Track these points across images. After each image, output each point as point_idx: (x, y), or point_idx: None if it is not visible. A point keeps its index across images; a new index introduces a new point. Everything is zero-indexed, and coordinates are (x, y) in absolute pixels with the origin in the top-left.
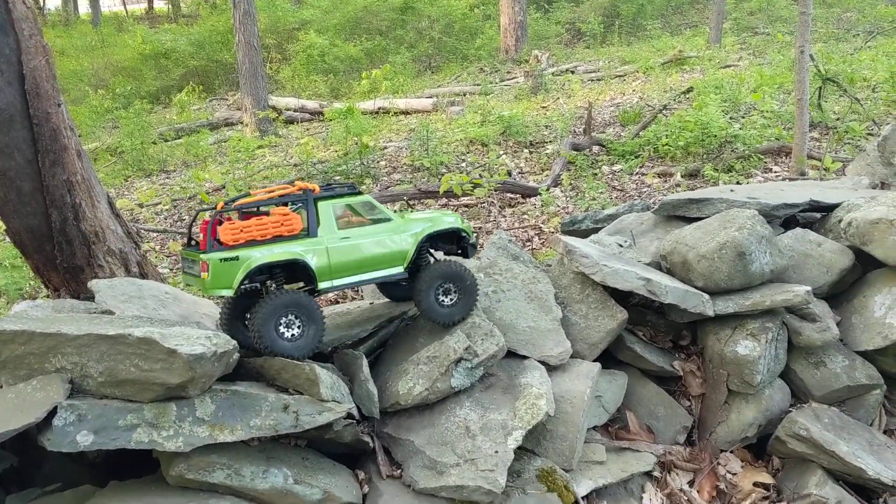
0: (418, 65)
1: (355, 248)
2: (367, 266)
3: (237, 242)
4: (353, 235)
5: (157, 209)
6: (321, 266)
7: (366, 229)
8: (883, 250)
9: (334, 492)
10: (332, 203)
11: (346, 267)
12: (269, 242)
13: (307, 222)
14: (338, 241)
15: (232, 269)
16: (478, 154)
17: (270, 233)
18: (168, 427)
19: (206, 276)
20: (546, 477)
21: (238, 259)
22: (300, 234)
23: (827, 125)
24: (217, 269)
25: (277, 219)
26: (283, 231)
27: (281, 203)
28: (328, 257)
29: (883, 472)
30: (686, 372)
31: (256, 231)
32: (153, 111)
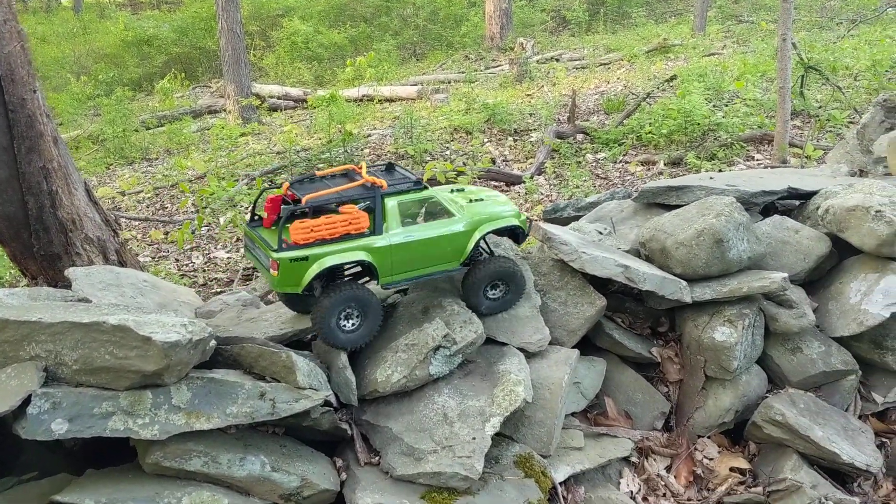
0: (403, 52)
1: (417, 246)
2: (427, 263)
3: (307, 241)
4: (416, 232)
5: (140, 197)
6: (384, 264)
7: (428, 226)
8: (859, 237)
9: (312, 479)
10: (398, 200)
11: (407, 264)
12: (338, 241)
13: (373, 219)
14: (401, 239)
15: (301, 269)
16: (462, 142)
17: (339, 232)
18: (144, 415)
19: (275, 274)
20: (524, 463)
21: (308, 259)
22: (366, 231)
23: (809, 113)
24: (286, 269)
25: (346, 218)
26: (351, 230)
27: (350, 200)
28: (391, 255)
29: (857, 456)
30: (664, 358)
31: (326, 231)
32: (135, 98)
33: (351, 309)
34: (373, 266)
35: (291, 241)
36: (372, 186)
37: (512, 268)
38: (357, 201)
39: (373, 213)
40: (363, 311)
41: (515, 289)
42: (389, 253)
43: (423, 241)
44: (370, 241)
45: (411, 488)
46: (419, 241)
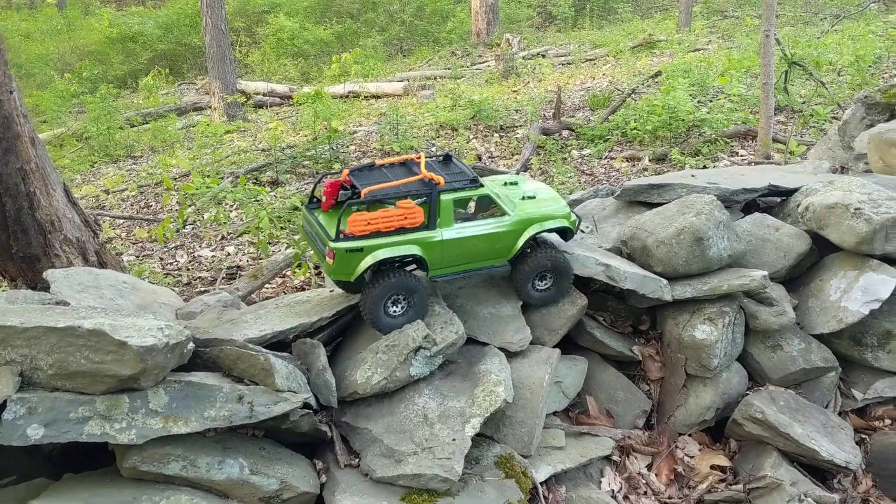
0: (389, 48)
1: (468, 242)
2: (476, 259)
3: (363, 233)
4: (468, 229)
5: (124, 195)
6: (434, 259)
7: (480, 224)
8: (838, 234)
9: (291, 481)
10: (454, 196)
11: (457, 259)
12: (393, 234)
13: (428, 214)
14: (453, 235)
15: (355, 260)
16: (448, 138)
17: (395, 225)
18: (121, 419)
19: (331, 263)
20: (504, 463)
21: (363, 251)
22: (420, 226)
23: (793, 109)
24: (342, 259)
25: (402, 212)
26: (406, 224)
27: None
28: (442, 251)
29: (836, 453)
30: (645, 356)
31: (382, 224)
32: (120, 96)
33: (398, 295)
34: (423, 260)
35: (348, 232)
36: (429, 182)
37: (559, 259)
38: (414, 196)
39: (428, 208)
40: (409, 297)
41: (562, 279)
42: (441, 248)
43: (474, 238)
44: (423, 236)
45: (391, 490)
46: (470, 237)
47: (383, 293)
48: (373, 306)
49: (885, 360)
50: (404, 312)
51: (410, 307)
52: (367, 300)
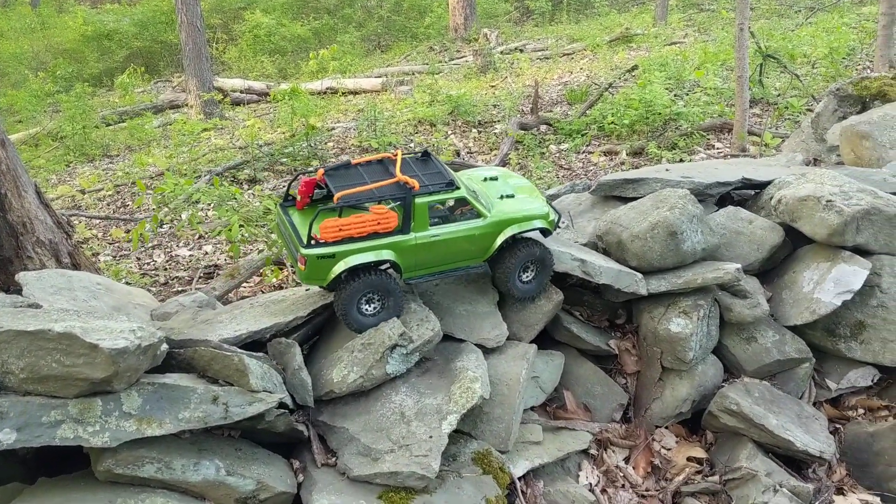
0: (367, 44)
1: (443, 245)
2: (451, 260)
3: (336, 239)
4: (443, 232)
5: (100, 195)
6: (408, 263)
7: (455, 227)
8: (811, 226)
9: (268, 482)
10: (429, 200)
11: (432, 261)
12: (366, 238)
13: (402, 219)
14: (428, 238)
15: (327, 266)
16: (426, 134)
17: (368, 230)
18: (94, 422)
19: (302, 269)
20: (482, 459)
21: (334, 257)
22: (395, 230)
23: (768, 101)
24: (313, 265)
25: (376, 217)
26: (380, 228)
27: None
28: (416, 254)
29: (810, 443)
30: (621, 350)
31: (355, 229)
32: (96, 94)
33: (372, 294)
34: (397, 265)
35: (320, 238)
36: (404, 186)
37: (539, 251)
38: (388, 200)
39: (403, 212)
40: (384, 297)
41: (544, 269)
42: (415, 251)
43: (449, 240)
44: (397, 240)
45: (368, 488)
46: (445, 240)
47: (356, 293)
48: (346, 305)
49: (857, 350)
50: (378, 311)
51: (384, 307)
52: (341, 299)
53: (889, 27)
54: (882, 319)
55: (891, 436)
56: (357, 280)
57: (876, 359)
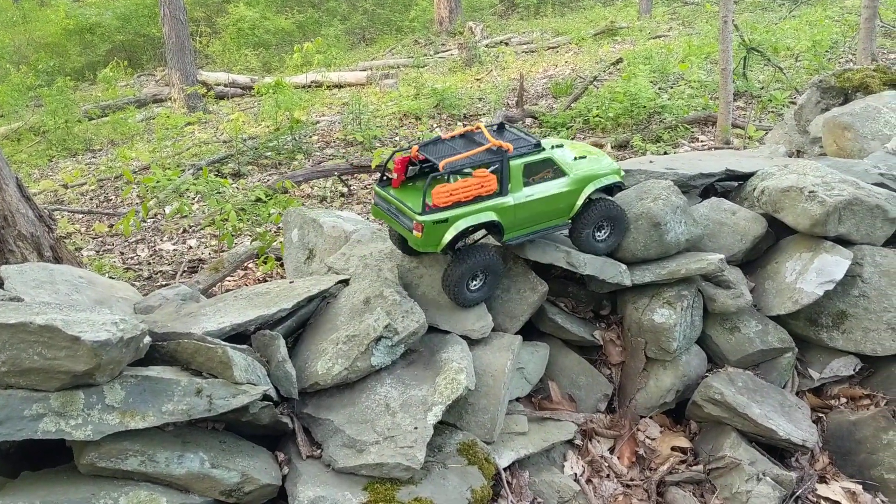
0: (352, 37)
1: (536, 204)
2: (543, 220)
3: (447, 205)
4: (535, 192)
5: (83, 190)
6: (508, 223)
7: (544, 186)
8: (793, 217)
9: (253, 474)
10: (522, 161)
11: (527, 221)
12: (471, 203)
13: (500, 181)
14: (523, 199)
15: (441, 231)
16: (411, 127)
17: (473, 194)
18: (76, 415)
19: (419, 235)
20: (467, 450)
21: (447, 221)
22: (494, 193)
23: (752, 94)
24: (429, 231)
25: (479, 181)
26: (482, 192)
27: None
28: (514, 214)
29: (793, 432)
30: (606, 341)
31: (462, 194)
32: (78, 88)
33: (478, 272)
34: (500, 225)
35: (433, 204)
36: (499, 150)
37: (614, 208)
38: (487, 165)
39: (500, 175)
40: (487, 273)
41: (620, 227)
42: (514, 212)
43: (542, 199)
44: (498, 202)
45: (353, 480)
46: (538, 199)
47: (468, 271)
48: (458, 282)
49: (839, 339)
50: (481, 287)
51: (486, 283)
52: (452, 278)
53: (871, 20)
54: (863, 309)
55: (872, 424)
56: (470, 258)
57: (858, 348)
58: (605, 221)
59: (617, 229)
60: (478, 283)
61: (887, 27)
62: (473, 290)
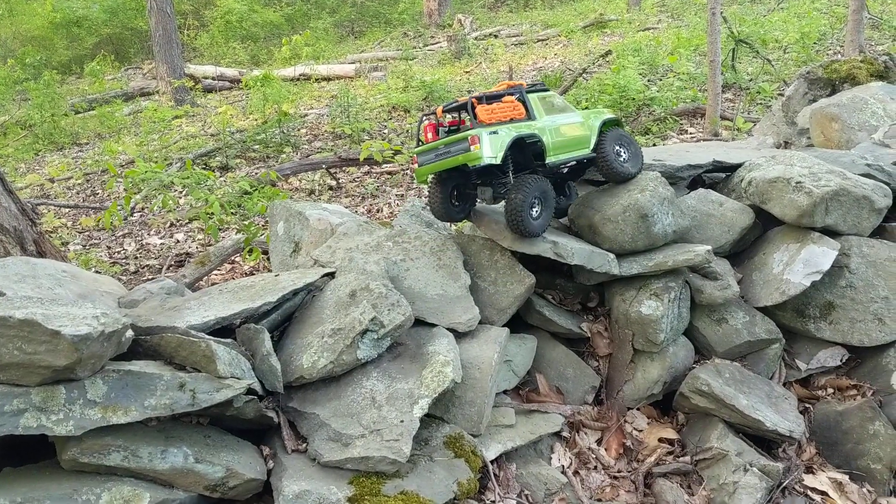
0: (340, 30)
1: (562, 130)
2: (570, 147)
3: (491, 122)
4: (558, 120)
5: (70, 184)
6: (546, 142)
7: (564, 115)
8: (780, 208)
9: (237, 468)
10: (537, 95)
11: (558, 146)
12: (509, 122)
13: (526, 109)
14: (551, 123)
15: (496, 141)
16: (400, 120)
17: (508, 115)
18: (57, 411)
19: (476, 147)
20: (453, 443)
21: (498, 133)
22: (524, 118)
23: (740, 86)
24: (486, 141)
25: (511, 104)
26: (515, 115)
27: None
28: (549, 136)
29: (780, 423)
30: (594, 333)
31: (500, 113)
32: (65, 82)
33: (536, 198)
34: (542, 143)
35: (481, 120)
36: (516, 86)
37: (623, 134)
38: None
39: (524, 104)
40: (543, 200)
41: (635, 149)
42: (548, 133)
43: (566, 126)
44: (532, 123)
45: (339, 474)
46: (564, 124)
47: (528, 197)
48: (521, 212)
49: (826, 330)
50: (540, 214)
51: (544, 209)
52: (515, 207)
53: (859, 12)
54: (850, 300)
55: (859, 414)
56: (527, 186)
57: (845, 339)
58: (621, 145)
59: (633, 152)
60: (536, 210)
61: (875, 19)
62: (535, 217)
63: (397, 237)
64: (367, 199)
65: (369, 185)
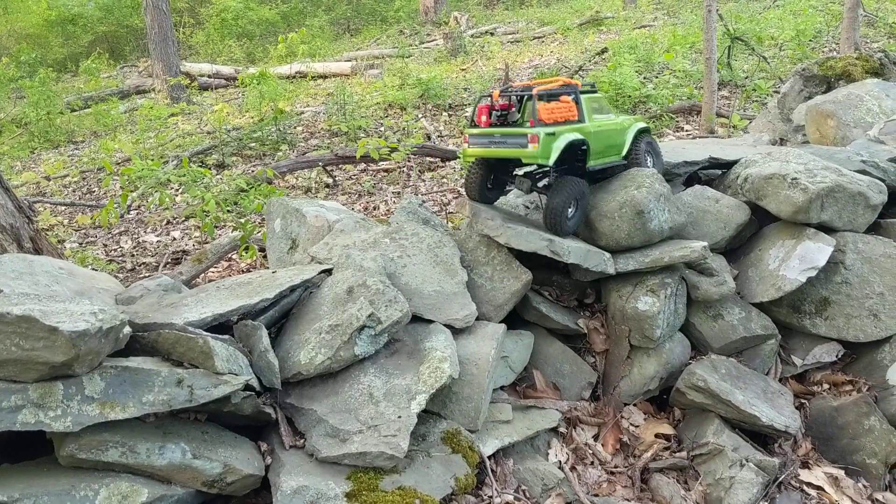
0: (336, 28)
1: (604, 134)
2: (607, 153)
3: (550, 121)
4: (603, 123)
5: (66, 182)
6: (591, 147)
7: (607, 118)
8: (776, 204)
9: (235, 464)
10: (588, 96)
11: (601, 150)
12: (564, 123)
13: (579, 110)
14: (596, 126)
15: (551, 142)
16: (396, 118)
17: (564, 116)
18: (55, 407)
19: (535, 147)
20: (451, 439)
21: (555, 135)
22: (576, 120)
23: (736, 83)
24: (544, 142)
25: (567, 105)
26: (570, 116)
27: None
28: (593, 140)
29: (776, 418)
30: (590, 329)
31: (558, 114)
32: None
33: (574, 200)
34: (588, 147)
35: (539, 118)
36: (572, 85)
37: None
38: (567, 94)
39: (578, 105)
40: (579, 201)
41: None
42: (593, 137)
43: (608, 130)
44: (581, 126)
45: (337, 469)
46: (605, 130)
47: (568, 198)
48: (560, 213)
49: (822, 326)
50: (574, 215)
51: (577, 211)
52: (556, 208)
53: (854, 9)
54: (846, 296)
55: (854, 410)
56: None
57: (840, 335)
58: (650, 153)
59: (659, 160)
60: (571, 211)
61: (870, 16)
62: (569, 217)
63: (394, 234)
64: (364, 196)
65: (366, 183)
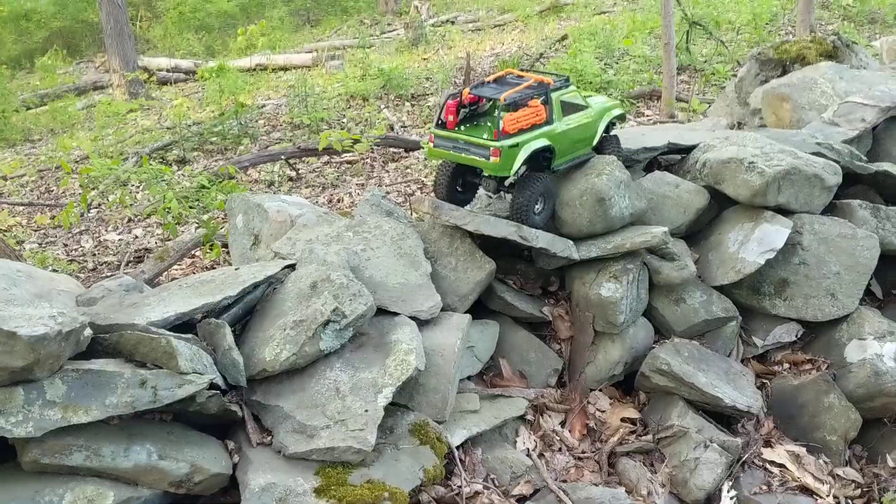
0: (296, 19)
1: (572, 133)
2: (577, 148)
3: (515, 131)
4: (572, 121)
5: (23, 181)
6: (558, 149)
7: (576, 116)
8: (734, 188)
9: (202, 464)
10: (559, 94)
11: (568, 149)
12: (530, 130)
13: (548, 112)
14: (565, 127)
15: (513, 154)
16: (358, 109)
17: (531, 122)
18: (16, 412)
19: (497, 160)
20: (419, 430)
21: (518, 146)
22: (544, 122)
23: (695, 68)
24: (505, 155)
25: (534, 111)
26: (537, 120)
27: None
28: (560, 141)
29: (738, 399)
30: (555, 317)
31: (524, 122)
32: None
33: (540, 196)
34: (553, 150)
35: (503, 131)
36: (542, 84)
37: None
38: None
39: (547, 106)
40: (546, 197)
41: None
42: (560, 139)
43: (576, 128)
44: (548, 130)
45: (305, 465)
46: (574, 127)
47: (533, 195)
48: (526, 209)
49: (781, 307)
50: (542, 210)
51: (545, 207)
52: (521, 204)
53: None
54: (804, 276)
55: (814, 388)
56: (532, 185)
57: (799, 314)
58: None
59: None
60: (539, 207)
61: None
62: (538, 213)
63: (357, 227)
64: (328, 189)
65: (329, 175)
